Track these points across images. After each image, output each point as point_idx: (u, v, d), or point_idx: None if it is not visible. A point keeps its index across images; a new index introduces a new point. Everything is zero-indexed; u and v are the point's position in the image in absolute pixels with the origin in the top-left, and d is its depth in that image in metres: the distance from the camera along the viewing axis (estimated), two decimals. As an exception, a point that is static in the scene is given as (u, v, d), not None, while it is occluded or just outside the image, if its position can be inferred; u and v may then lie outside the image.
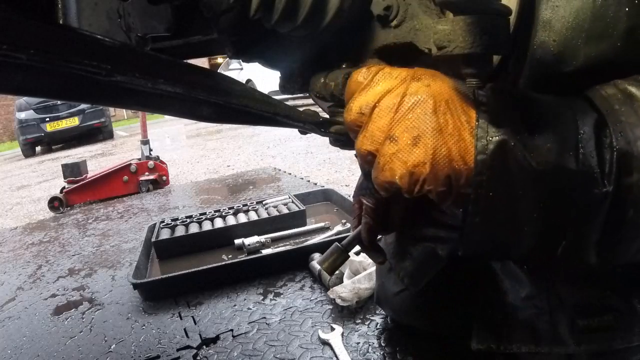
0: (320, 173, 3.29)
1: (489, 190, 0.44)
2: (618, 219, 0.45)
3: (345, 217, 1.90)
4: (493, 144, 0.43)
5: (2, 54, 0.32)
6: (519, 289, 0.68)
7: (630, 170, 0.43)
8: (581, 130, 0.44)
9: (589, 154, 0.43)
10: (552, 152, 0.43)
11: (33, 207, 3.93)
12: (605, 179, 0.43)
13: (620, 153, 0.43)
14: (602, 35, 0.46)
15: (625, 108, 0.45)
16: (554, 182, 0.44)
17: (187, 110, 0.51)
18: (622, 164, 0.43)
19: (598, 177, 0.43)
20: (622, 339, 0.59)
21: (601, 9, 0.45)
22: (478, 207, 0.45)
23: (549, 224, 0.46)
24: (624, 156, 0.43)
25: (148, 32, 0.68)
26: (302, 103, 5.92)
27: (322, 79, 0.58)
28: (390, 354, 0.99)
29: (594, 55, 0.47)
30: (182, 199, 2.96)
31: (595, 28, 0.46)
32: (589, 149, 0.44)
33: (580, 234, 0.46)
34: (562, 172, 0.43)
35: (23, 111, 8.91)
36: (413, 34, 0.52)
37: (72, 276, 1.80)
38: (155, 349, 1.16)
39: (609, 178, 0.43)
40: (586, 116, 0.45)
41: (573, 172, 0.43)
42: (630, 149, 0.43)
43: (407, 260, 0.94)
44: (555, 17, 0.48)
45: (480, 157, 0.43)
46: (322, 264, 0.87)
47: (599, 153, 0.43)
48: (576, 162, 0.43)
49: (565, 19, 0.47)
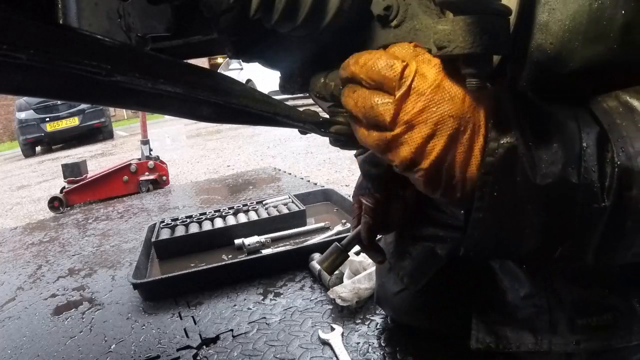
0: (320, 173, 3.29)
1: (493, 190, 0.45)
2: (617, 229, 0.46)
3: (345, 217, 1.90)
4: (503, 148, 0.44)
5: (2, 54, 0.32)
6: (518, 288, 0.68)
7: (630, 186, 0.44)
8: (584, 143, 0.45)
9: (591, 168, 0.45)
10: (556, 165, 0.45)
11: (33, 207, 3.94)
12: (605, 193, 0.44)
13: (621, 169, 0.44)
14: (598, 37, 0.47)
15: (627, 122, 0.46)
16: (556, 193, 0.45)
17: (187, 110, 0.51)
18: (622, 179, 0.44)
19: (598, 192, 0.45)
20: (621, 338, 0.60)
21: (597, 11, 0.46)
22: (482, 204, 0.46)
23: (549, 229, 0.47)
24: (624, 171, 0.44)
25: (148, 32, 0.68)
26: (302, 103, 5.92)
27: (322, 79, 0.58)
28: (390, 354, 0.99)
29: (591, 57, 0.48)
30: (182, 199, 2.96)
31: (592, 30, 0.47)
32: (591, 163, 0.45)
33: (579, 241, 0.47)
34: (564, 185, 0.45)
35: (23, 111, 8.91)
36: (413, 34, 0.52)
37: (72, 276, 1.80)
38: (155, 349, 1.16)
39: (608, 193, 0.44)
40: (589, 129, 0.46)
41: (574, 186, 0.45)
42: (630, 165, 0.44)
43: (406, 259, 0.95)
44: (552, 20, 0.48)
45: (488, 159, 0.45)
46: (321, 264, 0.87)
47: (600, 167, 0.45)
48: (578, 176, 0.45)
49: (562, 22, 0.48)
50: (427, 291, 0.91)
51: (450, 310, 0.88)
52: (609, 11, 0.46)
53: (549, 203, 0.46)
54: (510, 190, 0.45)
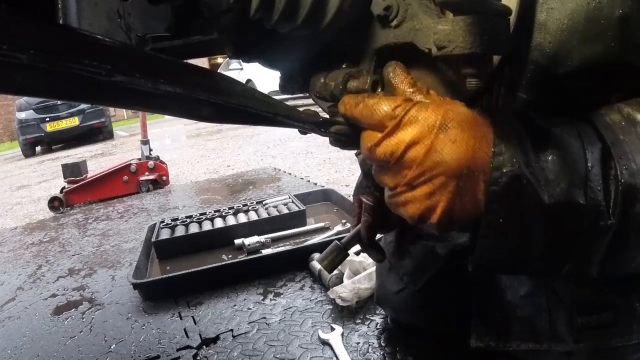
0: (320, 173, 3.28)
1: (499, 217, 0.46)
2: (620, 244, 0.47)
3: (345, 217, 1.90)
4: (506, 176, 0.45)
5: (2, 54, 0.32)
6: (518, 286, 0.68)
7: (634, 202, 0.45)
8: (589, 163, 0.46)
9: (596, 187, 0.45)
10: (562, 187, 0.45)
11: (33, 207, 3.93)
12: (611, 211, 0.45)
13: (624, 186, 0.45)
14: (596, 36, 0.47)
15: (630, 138, 0.46)
16: (563, 214, 0.46)
17: (187, 110, 0.51)
18: (626, 196, 0.45)
19: (604, 210, 0.45)
20: (621, 336, 0.60)
21: (595, 10, 0.46)
22: (489, 231, 0.47)
23: (556, 248, 0.48)
24: (628, 188, 0.45)
25: (148, 32, 0.68)
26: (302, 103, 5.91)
27: (322, 79, 0.58)
28: (390, 354, 0.99)
29: (589, 56, 0.48)
30: (182, 199, 2.96)
31: (590, 29, 0.47)
32: (596, 182, 0.45)
33: (584, 258, 0.48)
34: (571, 206, 0.45)
35: (23, 111, 8.90)
36: (413, 34, 0.52)
37: (72, 276, 1.81)
38: (155, 349, 1.16)
39: (614, 211, 0.45)
40: (593, 148, 0.46)
41: (581, 206, 0.45)
42: (634, 182, 0.45)
43: (406, 258, 0.95)
44: (550, 19, 0.48)
45: (492, 188, 0.45)
46: (321, 262, 0.87)
47: (605, 186, 0.45)
48: (585, 196, 0.45)
49: (559, 21, 0.48)
50: (427, 290, 0.91)
51: (450, 309, 0.88)
52: (606, 10, 0.46)
53: (555, 224, 0.46)
54: (516, 215, 0.46)
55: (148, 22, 0.67)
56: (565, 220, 0.46)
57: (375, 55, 0.56)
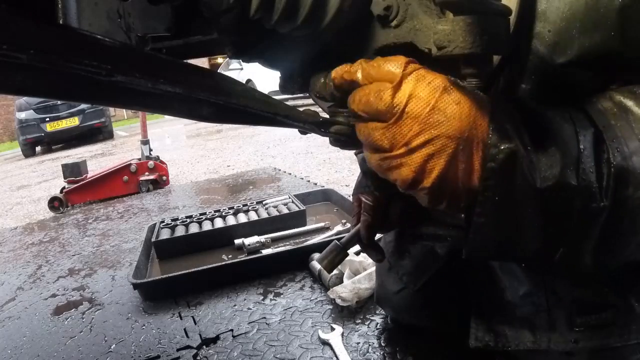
0: (320, 173, 3.28)
1: (494, 195, 0.46)
2: (614, 228, 0.47)
3: (345, 217, 1.90)
4: (503, 153, 0.45)
5: (2, 54, 0.32)
6: (517, 286, 0.68)
7: (627, 184, 0.45)
8: (582, 145, 0.46)
9: (589, 169, 0.45)
10: (555, 168, 0.45)
11: (33, 207, 3.93)
12: (603, 193, 0.45)
13: (617, 168, 0.45)
14: (595, 25, 0.47)
15: (621, 123, 0.46)
16: (556, 196, 0.46)
17: (187, 110, 0.51)
18: (618, 179, 0.45)
19: (596, 192, 0.45)
20: (620, 336, 0.60)
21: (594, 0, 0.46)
22: (484, 209, 0.47)
23: (550, 230, 0.48)
24: (620, 171, 0.45)
25: (148, 32, 0.68)
26: (302, 103, 5.92)
27: (322, 79, 0.58)
28: (390, 354, 0.99)
29: (589, 45, 0.48)
30: (182, 199, 2.96)
31: (589, 18, 0.47)
32: (588, 164, 0.45)
33: (578, 242, 0.48)
34: (563, 187, 0.45)
35: (23, 111, 8.90)
36: (413, 34, 0.52)
37: (72, 276, 1.81)
38: (155, 349, 1.16)
39: (606, 193, 0.45)
40: (586, 131, 0.47)
41: (573, 188, 0.45)
42: (626, 164, 0.45)
43: (406, 258, 0.95)
44: (550, 8, 0.49)
45: (490, 164, 0.45)
46: (321, 262, 0.87)
47: (597, 168, 0.45)
48: (577, 178, 0.45)
49: (559, 10, 0.48)
50: (427, 290, 0.91)
51: (450, 308, 0.88)
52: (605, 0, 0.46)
53: (549, 205, 0.46)
54: (511, 194, 0.46)
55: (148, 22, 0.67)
56: (558, 201, 0.46)
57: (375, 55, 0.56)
